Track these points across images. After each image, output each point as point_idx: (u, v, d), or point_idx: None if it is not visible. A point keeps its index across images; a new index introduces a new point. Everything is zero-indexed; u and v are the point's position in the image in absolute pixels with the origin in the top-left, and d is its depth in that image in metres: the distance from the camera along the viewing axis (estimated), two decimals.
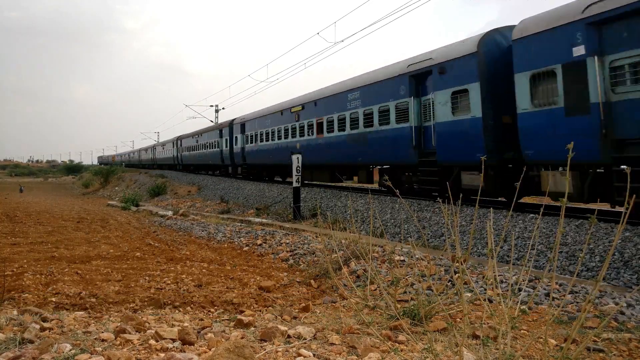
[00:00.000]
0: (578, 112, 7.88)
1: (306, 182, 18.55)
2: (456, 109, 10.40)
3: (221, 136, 28.85)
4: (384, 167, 14.47)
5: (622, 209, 6.70)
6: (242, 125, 25.36)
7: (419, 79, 11.77)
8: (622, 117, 7.35)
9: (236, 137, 26.30)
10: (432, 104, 11.08)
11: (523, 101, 8.81)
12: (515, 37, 9.03)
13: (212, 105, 42.98)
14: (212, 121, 40.34)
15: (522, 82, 8.83)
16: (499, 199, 10.88)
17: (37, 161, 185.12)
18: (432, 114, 11.12)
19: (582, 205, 9.87)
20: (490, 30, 10.12)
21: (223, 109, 44.56)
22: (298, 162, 13.26)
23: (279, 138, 20.26)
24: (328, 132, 15.99)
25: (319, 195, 15.29)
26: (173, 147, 43.92)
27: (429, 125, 11.32)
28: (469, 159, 9.95)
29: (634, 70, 7.16)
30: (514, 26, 9.41)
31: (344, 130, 14.98)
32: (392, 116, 12.51)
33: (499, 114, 9.64)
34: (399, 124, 12.23)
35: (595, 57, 7.53)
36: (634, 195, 5.28)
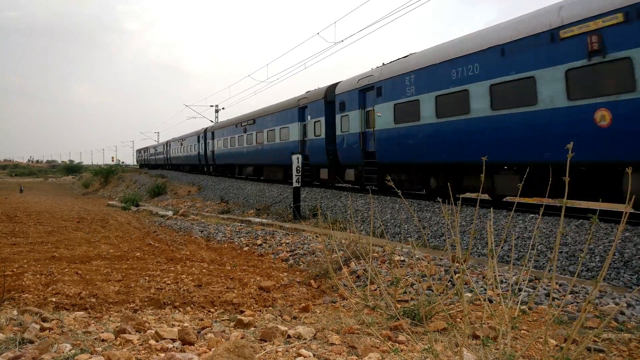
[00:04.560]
0: (354, 136, 14.28)
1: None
2: (315, 131, 16.81)
3: (199, 141, 34.50)
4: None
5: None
6: (212, 133, 31.04)
7: (302, 109, 17.93)
8: (365, 140, 13.88)
9: (208, 142, 32.06)
10: (306, 127, 17.68)
11: (338, 129, 15.26)
12: (336, 92, 15.43)
13: (212, 105, 43.07)
14: (211, 121, 40.63)
15: (338, 119, 15.30)
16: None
17: (37, 161, 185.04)
18: (306, 133, 17.64)
19: (583, 205, 10.03)
20: (330, 85, 16.18)
21: (223, 109, 44.76)
22: (298, 162, 13.24)
23: (233, 145, 26.22)
24: (258, 142, 22.36)
25: (319, 195, 15.28)
26: (163, 149, 50.57)
27: (305, 140, 17.83)
28: (323, 161, 16.41)
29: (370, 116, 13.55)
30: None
31: (262, 142, 21.70)
32: (290, 133, 18.80)
33: (334, 136, 15.66)
34: (292, 138, 18.49)
35: (361, 109, 13.94)
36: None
